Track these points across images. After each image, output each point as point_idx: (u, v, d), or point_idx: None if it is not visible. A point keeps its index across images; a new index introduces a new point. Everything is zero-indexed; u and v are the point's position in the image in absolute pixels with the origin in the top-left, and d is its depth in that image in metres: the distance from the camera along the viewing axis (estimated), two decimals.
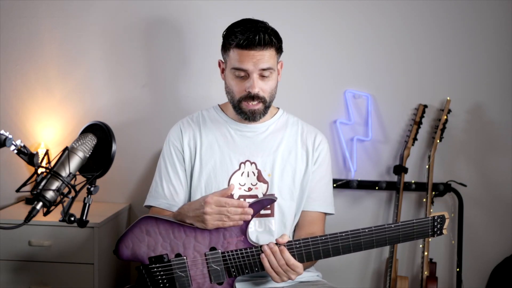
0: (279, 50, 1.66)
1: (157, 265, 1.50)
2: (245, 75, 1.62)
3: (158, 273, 1.50)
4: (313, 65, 2.32)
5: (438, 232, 1.45)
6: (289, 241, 1.47)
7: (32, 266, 2.04)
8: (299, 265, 1.46)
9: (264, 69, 1.60)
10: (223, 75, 1.72)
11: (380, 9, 2.28)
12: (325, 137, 1.80)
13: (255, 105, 1.63)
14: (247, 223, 1.50)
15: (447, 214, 1.46)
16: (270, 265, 1.46)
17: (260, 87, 1.62)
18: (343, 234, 1.45)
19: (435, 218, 1.44)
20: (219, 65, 1.74)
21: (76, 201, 1.22)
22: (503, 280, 2.30)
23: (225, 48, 1.66)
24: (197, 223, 1.51)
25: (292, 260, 1.45)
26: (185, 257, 1.50)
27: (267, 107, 1.67)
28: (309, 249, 1.46)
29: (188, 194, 1.73)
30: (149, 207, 1.75)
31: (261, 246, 1.48)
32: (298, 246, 1.46)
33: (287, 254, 1.45)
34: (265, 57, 1.59)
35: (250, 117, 1.66)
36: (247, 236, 1.50)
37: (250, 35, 1.57)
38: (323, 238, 1.46)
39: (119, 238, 1.53)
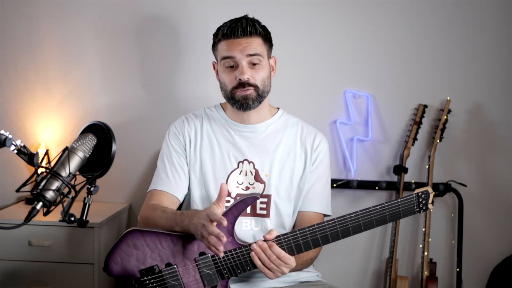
0: (266, 40, 1.69)
1: (149, 277, 1.49)
2: (235, 65, 1.65)
3: (150, 285, 1.48)
4: (313, 65, 2.32)
5: (424, 208, 1.43)
6: (277, 236, 1.47)
7: (32, 266, 2.04)
8: (290, 258, 1.45)
9: (251, 55, 1.63)
10: (218, 76, 1.74)
11: (380, 9, 2.28)
12: (325, 138, 1.80)
13: (247, 91, 1.64)
14: (232, 223, 1.48)
15: (430, 189, 1.44)
16: (262, 262, 1.45)
17: (250, 74, 1.64)
18: (330, 222, 1.44)
19: (419, 194, 1.43)
20: (214, 67, 1.76)
21: (76, 201, 1.22)
22: (503, 280, 2.30)
23: (214, 44, 1.72)
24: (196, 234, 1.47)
25: (283, 253, 1.44)
26: (175, 266, 1.49)
27: (260, 95, 1.67)
28: (298, 241, 1.46)
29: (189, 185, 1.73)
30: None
31: (250, 244, 1.47)
32: (286, 239, 1.46)
33: (277, 248, 1.44)
34: (252, 44, 1.64)
35: (243, 103, 1.66)
36: (235, 237, 1.49)
37: (233, 24, 1.65)
38: (311, 228, 1.45)
39: (107, 255, 1.51)
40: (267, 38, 1.69)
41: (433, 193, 1.44)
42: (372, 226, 1.45)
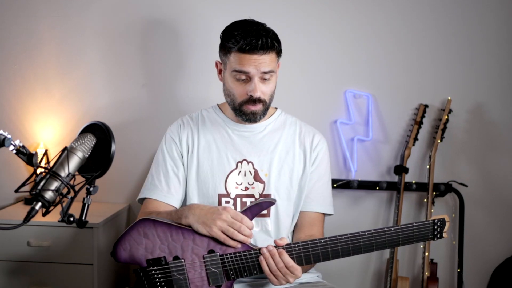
0: (279, 53, 1.66)
1: (155, 267, 1.49)
2: (246, 78, 1.61)
3: (156, 276, 1.49)
4: (313, 65, 2.32)
5: (438, 236, 1.45)
6: (287, 244, 1.46)
7: (31, 266, 2.04)
8: (298, 268, 1.45)
9: (265, 72, 1.60)
10: (221, 76, 1.71)
11: (381, 8, 2.28)
12: (324, 137, 1.79)
13: (256, 107, 1.64)
14: None
15: (447, 217, 1.45)
16: (269, 268, 1.45)
17: (262, 90, 1.62)
18: (342, 237, 1.45)
19: (435, 222, 1.44)
20: (216, 66, 1.73)
21: (75, 201, 1.22)
22: (504, 280, 2.30)
23: (225, 50, 1.64)
24: (200, 225, 1.48)
25: (291, 263, 1.44)
26: (183, 260, 1.49)
27: (266, 108, 1.68)
28: (308, 252, 1.46)
29: (185, 190, 1.72)
30: (143, 201, 1.72)
31: (260, 248, 1.47)
32: (297, 249, 1.46)
33: (286, 257, 1.44)
34: (267, 60, 1.59)
35: (251, 118, 1.66)
36: None
37: (252, 40, 1.57)
38: (322, 241, 1.45)
39: (116, 240, 1.52)
40: (280, 52, 1.66)
41: (449, 222, 1.45)
42: (384, 247, 1.45)
